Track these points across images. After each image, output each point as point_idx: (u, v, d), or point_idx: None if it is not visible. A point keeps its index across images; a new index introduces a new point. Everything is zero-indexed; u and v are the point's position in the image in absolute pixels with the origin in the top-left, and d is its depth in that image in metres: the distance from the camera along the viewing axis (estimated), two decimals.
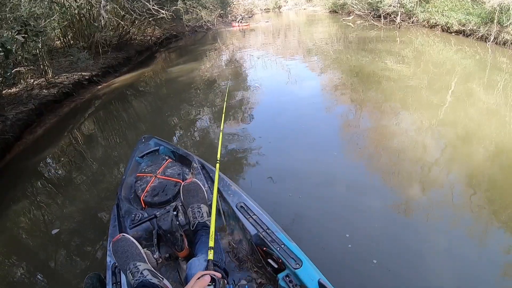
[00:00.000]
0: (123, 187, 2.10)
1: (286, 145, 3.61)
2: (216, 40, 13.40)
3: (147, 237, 1.67)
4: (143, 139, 2.70)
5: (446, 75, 5.55)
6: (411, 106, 4.37)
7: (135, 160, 2.43)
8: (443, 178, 2.77)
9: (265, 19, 21.08)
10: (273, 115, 4.55)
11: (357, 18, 13.87)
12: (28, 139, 4.76)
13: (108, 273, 1.46)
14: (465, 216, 2.33)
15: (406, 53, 7.25)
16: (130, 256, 1.33)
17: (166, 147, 2.49)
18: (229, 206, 1.73)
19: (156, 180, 2.04)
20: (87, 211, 2.91)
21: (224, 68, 7.96)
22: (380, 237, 2.13)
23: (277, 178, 2.92)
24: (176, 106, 5.46)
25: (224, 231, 1.74)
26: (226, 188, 1.84)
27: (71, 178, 3.68)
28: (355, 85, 5.44)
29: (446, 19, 8.86)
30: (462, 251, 2.01)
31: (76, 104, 6.14)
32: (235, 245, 1.64)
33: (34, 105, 5.35)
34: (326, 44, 9.54)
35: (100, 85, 7.10)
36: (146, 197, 1.91)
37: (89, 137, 4.85)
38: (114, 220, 1.82)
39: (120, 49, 8.85)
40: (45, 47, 6.44)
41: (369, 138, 3.63)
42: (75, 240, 2.58)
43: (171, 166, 2.18)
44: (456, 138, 3.42)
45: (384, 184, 2.78)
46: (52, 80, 6.31)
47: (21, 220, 3.03)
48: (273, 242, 1.42)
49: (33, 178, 3.84)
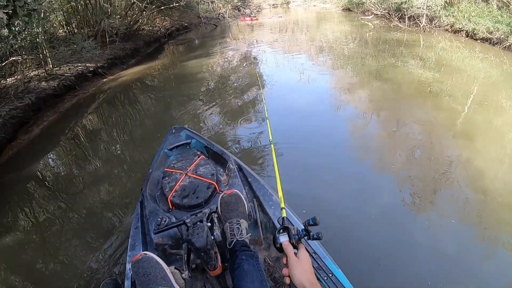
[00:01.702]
0: (149, 182, 1.89)
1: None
2: (227, 33, 12.63)
3: (173, 245, 1.47)
4: (174, 130, 2.43)
5: (492, 86, 4.89)
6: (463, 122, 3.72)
7: (164, 152, 2.19)
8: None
9: (273, 14, 20.34)
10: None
11: (375, 18, 13.19)
12: (23, 140, 4.08)
13: (127, 282, 1.34)
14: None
15: (438, 59, 6.57)
16: (153, 280, 1.12)
17: (199, 141, 2.24)
18: (269, 219, 1.56)
19: (187, 179, 1.82)
20: (94, 224, 2.44)
21: (239, 67, 7.24)
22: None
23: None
24: (193, 105, 4.78)
25: (260, 245, 1.54)
26: (267, 198, 1.65)
27: (72, 186, 3.10)
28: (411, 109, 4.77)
29: (474, 26, 8.29)
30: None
31: (79, 99, 5.44)
32: (272, 263, 1.46)
33: (31, 100, 4.65)
34: (349, 45, 8.83)
35: (106, 78, 6.39)
36: (175, 197, 1.71)
37: (93, 137, 4.19)
38: (137, 221, 1.67)
39: (128, 39, 8.11)
40: (46, 34, 5.71)
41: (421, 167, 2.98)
42: (88, 247, 2.30)
43: (204, 164, 1.93)
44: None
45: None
46: (53, 72, 5.61)
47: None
48: (320, 269, 1.26)
49: (29, 185, 3.21)
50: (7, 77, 5.13)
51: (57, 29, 7.01)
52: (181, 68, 7.29)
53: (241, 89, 5.30)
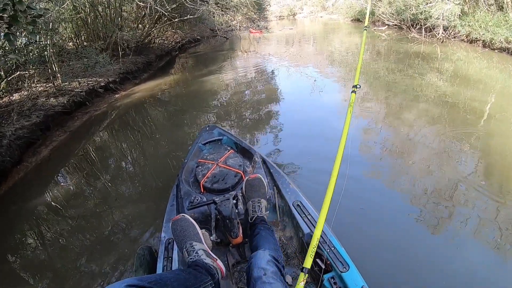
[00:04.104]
0: (184, 170, 2.12)
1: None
2: (238, 46, 12.32)
3: (202, 220, 1.68)
4: (207, 128, 2.73)
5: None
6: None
7: (198, 146, 2.44)
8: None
9: (282, 26, 20.14)
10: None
11: (388, 29, 12.87)
12: (30, 163, 3.67)
13: (161, 248, 1.53)
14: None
15: (463, 70, 6.18)
16: (188, 236, 1.35)
17: (229, 138, 2.50)
18: (286, 203, 1.77)
19: (217, 168, 2.06)
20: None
21: (253, 82, 6.86)
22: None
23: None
24: (207, 120, 4.40)
25: (277, 226, 1.75)
26: (285, 185, 1.87)
27: (84, 210, 2.77)
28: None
29: (492, 35, 7.96)
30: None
31: (90, 116, 5.05)
32: (285, 241, 1.68)
33: (39, 118, 4.26)
34: (370, 60, 8.45)
35: (118, 94, 6.00)
36: (206, 182, 1.94)
37: (105, 158, 3.77)
38: (172, 200, 1.89)
39: (140, 52, 7.78)
40: (55, 47, 5.38)
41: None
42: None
43: (233, 157, 2.18)
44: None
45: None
46: (62, 87, 5.24)
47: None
48: (324, 243, 1.42)
49: (38, 214, 2.78)
50: (13, 93, 4.77)
51: (66, 42, 6.69)
52: (194, 83, 6.87)
53: (255, 105, 4.99)
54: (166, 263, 1.45)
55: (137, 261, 1.72)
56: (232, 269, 1.53)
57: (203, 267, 1.25)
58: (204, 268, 1.24)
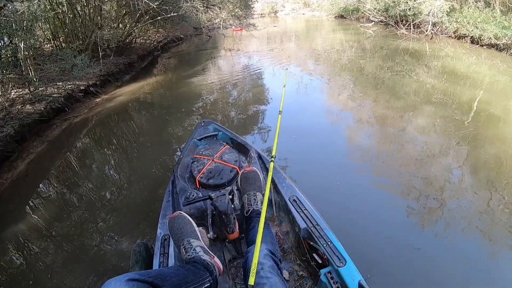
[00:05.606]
0: (179, 165, 2.11)
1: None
2: (220, 44, 12.05)
3: (198, 216, 1.67)
4: (203, 123, 2.69)
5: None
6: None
7: (194, 142, 2.43)
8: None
9: (266, 24, 19.92)
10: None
11: (374, 25, 12.94)
12: (5, 180, 3.37)
13: (157, 244, 1.51)
14: None
15: (456, 67, 6.22)
16: (185, 233, 1.36)
17: (225, 134, 2.49)
18: (282, 198, 1.76)
19: (213, 164, 2.05)
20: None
21: (240, 80, 6.67)
22: None
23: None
24: (192, 122, 4.17)
25: (273, 222, 1.75)
26: (281, 180, 1.86)
27: (68, 229, 2.50)
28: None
29: (481, 32, 8.09)
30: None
31: (70, 123, 4.74)
32: (282, 236, 1.68)
33: (13, 128, 3.94)
34: (359, 58, 8.40)
35: (99, 98, 5.69)
36: (202, 178, 1.93)
37: (88, 167, 3.53)
38: (168, 195, 1.86)
39: (121, 53, 7.43)
40: (30, 49, 5.00)
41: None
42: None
43: (228, 152, 2.18)
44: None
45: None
46: (38, 92, 4.90)
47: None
48: (320, 238, 1.43)
49: (15, 238, 2.52)
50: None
51: (43, 44, 6.28)
52: (178, 84, 6.65)
53: (241, 104, 4.92)
54: (162, 259, 1.44)
55: (133, 257, 1.70)
56: (228, 264, 1.54)
57: (201, 263, 1.26)
58: (202, 265, 1.25)
